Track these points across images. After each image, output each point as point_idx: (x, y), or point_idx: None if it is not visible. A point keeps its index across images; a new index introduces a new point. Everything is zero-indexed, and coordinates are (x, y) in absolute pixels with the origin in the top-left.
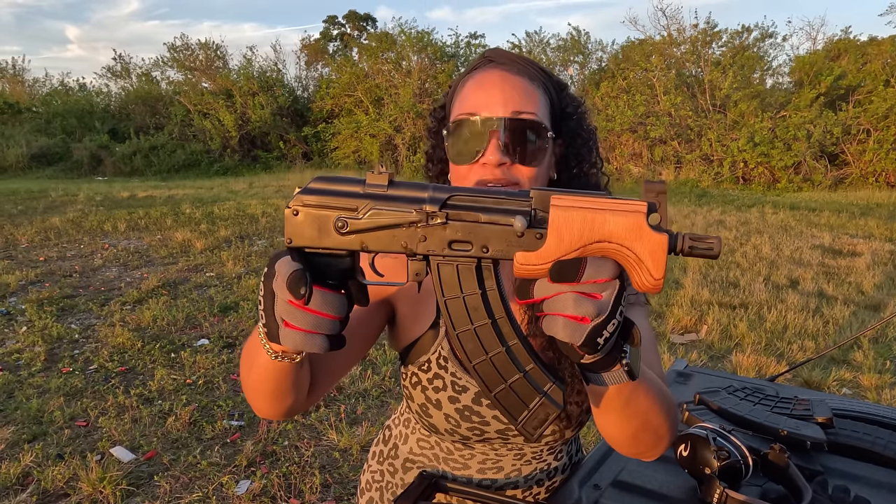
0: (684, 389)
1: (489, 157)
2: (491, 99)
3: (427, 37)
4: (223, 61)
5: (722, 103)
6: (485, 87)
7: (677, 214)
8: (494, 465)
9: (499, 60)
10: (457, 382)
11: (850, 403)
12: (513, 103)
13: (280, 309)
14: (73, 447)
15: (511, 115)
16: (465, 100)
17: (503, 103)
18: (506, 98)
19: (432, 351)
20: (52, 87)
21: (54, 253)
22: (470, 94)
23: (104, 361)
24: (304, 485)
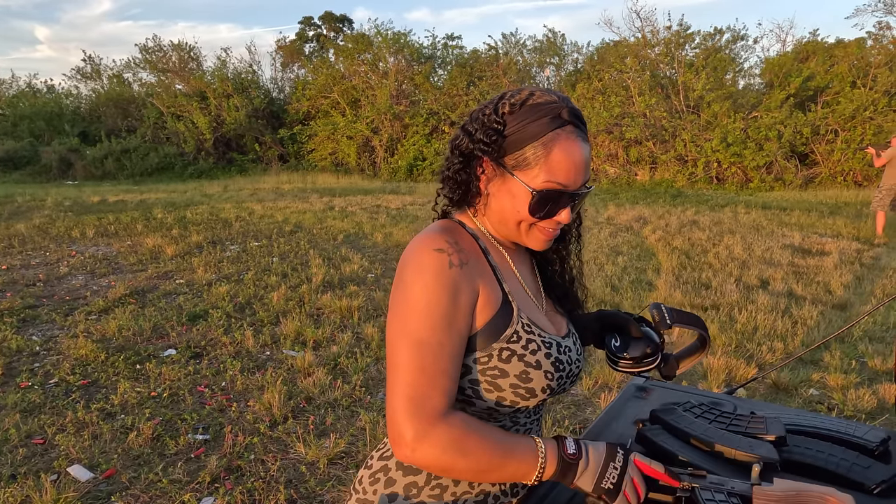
0: (643, 405)
1: (563, 218)
2: (578, 175)
3: (404, 38)
4: (197, 63)
5: (695, 104)
6: (576, 162)
7: (652, 215)
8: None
9: (576, 124)
10: (545, 339)
11: (804, 417)
12: (585, 175)
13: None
14: (27, 467)
15: (582, 188)
16: (558, 168)
17: (583, 177)
18: (584, 172)
19: (515, 323)
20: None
21: (18, 261)
22: (562, 165)
23: (65, 375)
24: (268, 501)
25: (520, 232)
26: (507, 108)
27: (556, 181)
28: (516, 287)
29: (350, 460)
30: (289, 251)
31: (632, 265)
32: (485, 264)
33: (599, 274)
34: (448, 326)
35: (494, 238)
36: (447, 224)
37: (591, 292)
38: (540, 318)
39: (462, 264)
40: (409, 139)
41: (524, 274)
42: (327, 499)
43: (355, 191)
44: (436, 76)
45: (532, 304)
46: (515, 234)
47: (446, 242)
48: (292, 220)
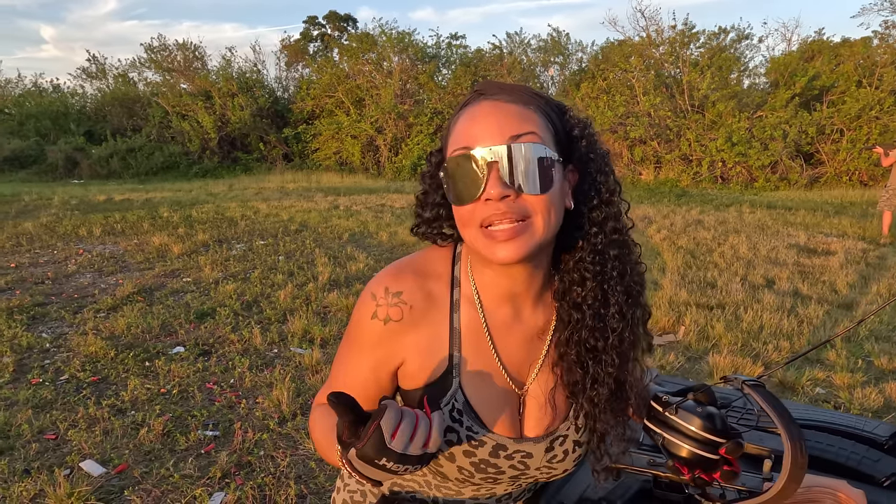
0: None
1: (490, 190)
2: (485, 129)
3: (408, 37)
4: (202, 62)
5: (700, 103)
6: (477, 119)
7: (657, 214)
8: (489, 491)
9: (489, 92)
10: (473, 437)
11: (813, 413)
12: (509, 129)
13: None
14: (40, 462)
15: (508, 142)
16: (459, 135)
17: (499, 131)
18: (500, 125)
19: (445, 403)
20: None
21: (26, 259)
22: (462, 129)
23: (76, 371)
24: (279, 496)
25: (478, 246)
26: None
27: (460, 146)
28: (482, 362)
29: None
30: (294, 250)
31: None
32: (437, 325)
33: None
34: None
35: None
36: (421, 261)
37: None
38: (492, 409)
39: (389, 321)
40: (413, 138)
41: (510, 346)
42: None
43: (360, 190)
44: (440, 75)
45: (493, 389)
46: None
47: (384, 291)
48: (297, 219)
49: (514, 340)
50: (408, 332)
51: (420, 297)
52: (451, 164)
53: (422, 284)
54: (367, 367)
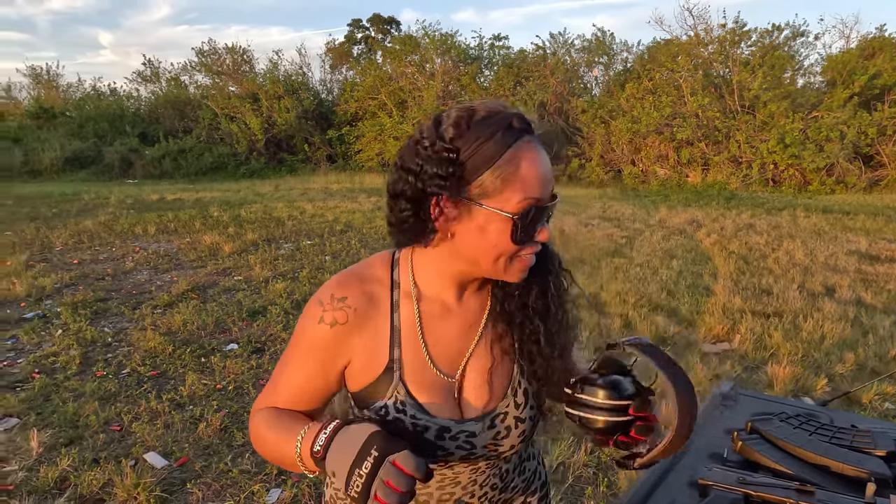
0: (732, 415)
1: (544, 236)
2: (548, 184)
3: (451, 39)
4: (250, 65)
5: (751, 104)
6: (545, 173)
7: (706, 218)
8: (452, 481)
9: (533, 131)
10: (417, 423)
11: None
12: (553, 183)
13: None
14: (107, 452)
15: (552, 198)
16: (533, 184)
17: (552, 186)
18: (551, 180)
19: (388, 396)
20: (85, 91)
21: (87, 256)
22: (535, 178)
23: (136, 365)
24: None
25: (497, 268)
26: (451, 132)
27: (533, 196)
28: (416, 356)
29: None
30: (340, 250)
31: (687, 269)
32: (378, 325)
33: (654, 278)
34: (302, 363)
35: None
36: (364, 268)
37: (647, 296)
38: (431, 396)
39: (336, 324)
40: None
41: (447, 337)
42: None
43: None
44: (482, 77)
45: (430, 378)
46: (492, 272)
47: (331, 297)
48: (342, 219)
49: (453, 329)
50: (353, 334)
51: (363, 301)
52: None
53: (364, 289)
54: (313, 369)
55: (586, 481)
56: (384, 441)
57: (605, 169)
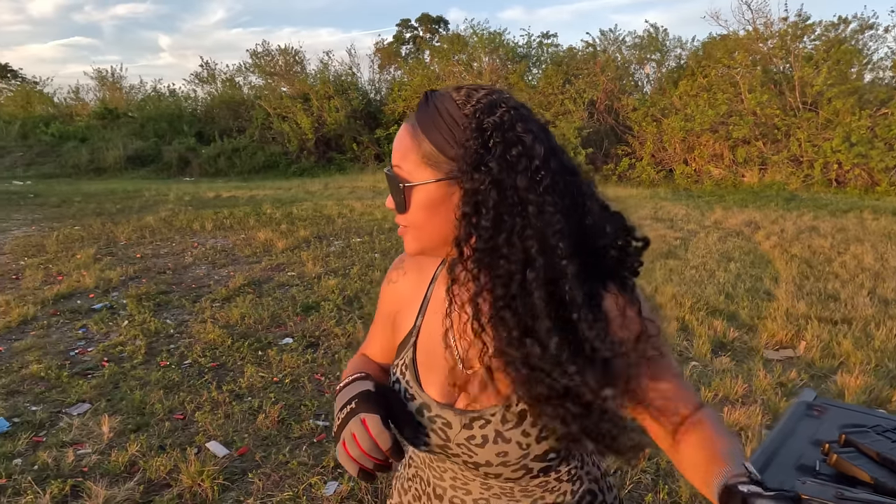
0: (818, 425)
1: (387, 202)
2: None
3: (499, 37)
4: (301, 66)
5: (813, 101)
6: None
7: (764, 219)
8: (463, 486)
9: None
10: (408, 390)
11: None
12: (394, 158)
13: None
14: (172, 439)
15: (388, 171)
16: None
17: (393, 159)
18: (393, 154)
19: (400, 357)
20: (146, 93)
21: (149, 250)
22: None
23: (197, 357)
24: (388, 490)
25: None
26: None
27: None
28: (435, 328)
29: None
30: (389, 248)
31: (746, 272)
32: (417, 292)
33: (710, 281)
34: (379, 320)
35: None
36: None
37: (704, 300)
38: (432, 372)
39: (390, 282)
40: None
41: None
42: None
43: None
44: (530, 75)
45: (441, 354)
46: None
47: (397, 260)
48: (390, 217)
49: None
50: (399, 293)
51: (415, 268)
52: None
53: (420, 260)
54: (380, 321)
55: (645, 488)
56: (364, 400)
57: (656, 168)
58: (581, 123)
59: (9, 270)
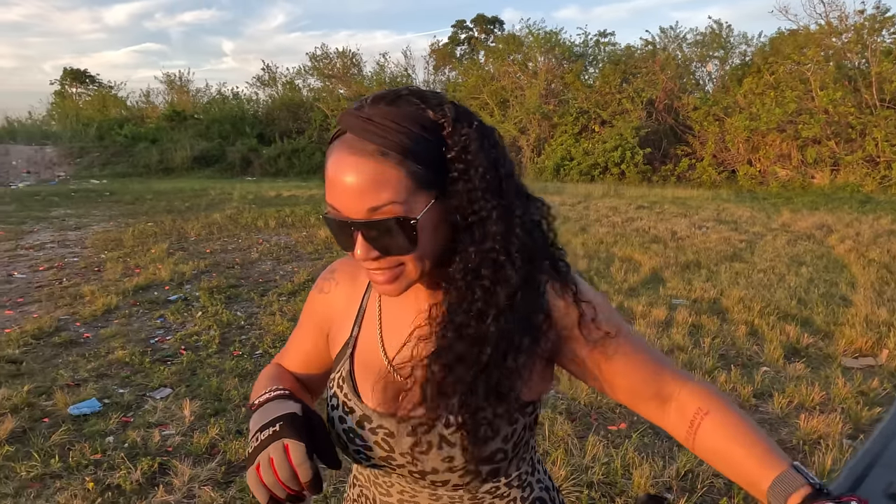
0: None
1: (360, 253)
2: (346, 200)
3: (555, 37)
4: (358, 68)
5: (893, 98)
6: (337, 183)
7: (837, 223)
8: (411, 499)
9: (348, 131)
10: (346, 403)
11: None
12: (366, 200)
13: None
14: (247, 425)
15: (366, 218)
16: (330, 189)
17: (358, 203)
18: (359, 196)
19: (337, 370)
20: (211, 96)
21: (218, 246)
22: (330, 185)
23: (268, 347)
24: None
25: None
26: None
27: (330, 203)
28: (371, 338)
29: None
30: None
31: (819, 277)
32: (352, 302)
33: (780, 285)
34: (303, 331)
35: None
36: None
37: (774, 304)
38: (370, 383)
39: (322, 291)
40: (556, 139)
41: (403, 328)
42: None
43: None
44: (586, 74)
45: (379, 364)
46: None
47: (328, 270)
48: None
49: (408, 323)
50: (332, 304)
51: (348, 277)
52: (325, 219)
53: (353, 268)
54: (304, 331)
55: (719, 492)
56: (289, 425)
57: (717, 169)
58: (639, 123)
59: (92, 263)
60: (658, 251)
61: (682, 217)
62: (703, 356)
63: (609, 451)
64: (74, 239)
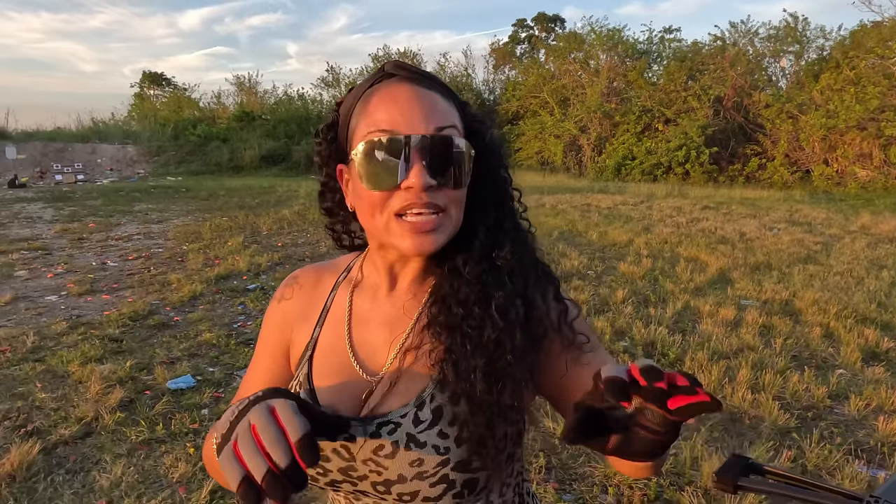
0: None
1: (414, 180)
2: (411, 115)
3: (618, 34)
4: None
5: None
6: (399, 101)
7: None
8: None
9: (403, 75)
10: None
11: None
12: (435, 119)
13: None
14: None
15: (435, 133)
16: (376, 116)
17: (425, 119)
18: (427, 113)
19: (295, 377)
20: (278, 97)
21: (288, 240)
22: (381, 109)
23: None
24: (528, 463)
25: (389, 234)
26: (341, 97)
27: (379, 128)
28: (336, 340)
29: None
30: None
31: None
32: (315, 305)
33: (859, 288)
34: (261, 349)
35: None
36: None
37: (851, 307)
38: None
39: (282, 299)
40: (618, 137)
41: (372, 328)
42: (579, 473)
43: (563, 189)
44: (650, 72)
45: (342, 366)
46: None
47: (287, 279)
48: None
49: (379, 321)
50: (294, 310)
51: (311, 281)
52: (369, 147)
53: (317, 272)
54: (269, 351)
55: None
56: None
57: (790, 169)
58: (705, 121)
59: (175, 253)
60: (725, 252)
61: (751, 218)
62: (774, 356)
63: (677, 443)
64: (158, 231)
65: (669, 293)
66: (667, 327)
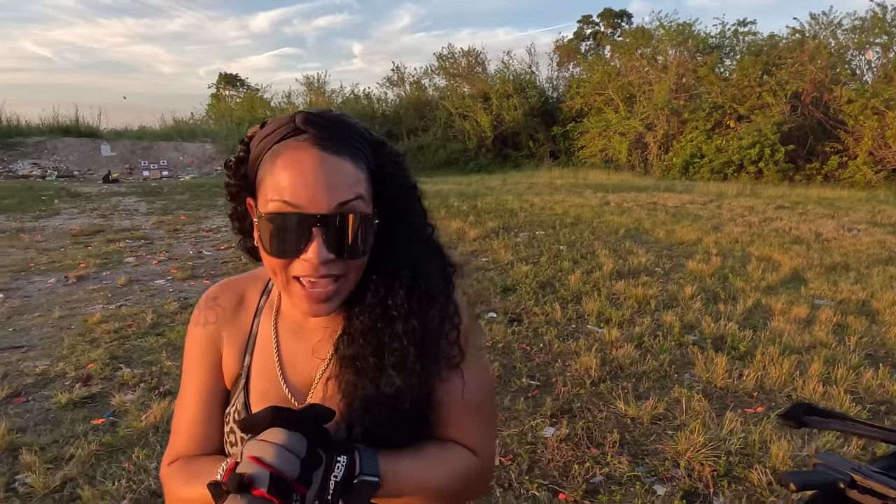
0: None
1: (312, 255)
2: (315, 187)
3: (688, 29)
4: (482, 67)
5: None
6: (304, 171)
7: None
8: None
9: (312, 135)
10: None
11: None
12: (337, 194)
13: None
14: None
15: (336, 210)
16: (281, 185)
17: (328, 194)
18: (330, 187)
19: (231, 404)
20: (345, 96)
21: None
22: (286, 175)
23: None
24: (602, 438)
25: (288, 294)
26: (252, 130)
27: (283, 199)
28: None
29: (668, 423)
30: (574, 241)
31: None
32: (241, 328)
33: None
34: (189, 371)
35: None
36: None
37: None
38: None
39: (206, 324)
40: (686, 135)
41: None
42: (651, 449)
43: (627, 188)
44: (722, 67)
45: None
46: (288, 298)
47: (206, 299)
48: (571, 213)
49: (305, 348)
50: (221, 332)
51: (233, 301)
52: (271, 218)
53: (238, 291)
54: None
55: None
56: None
57: (874, 168)
58: (781, 118)
59: None
60: (800, 252)
61: (828, 218)
62: (847, 353)
63: (747, 427)
64: None
65: (740, 291)
66: (737, 323)
